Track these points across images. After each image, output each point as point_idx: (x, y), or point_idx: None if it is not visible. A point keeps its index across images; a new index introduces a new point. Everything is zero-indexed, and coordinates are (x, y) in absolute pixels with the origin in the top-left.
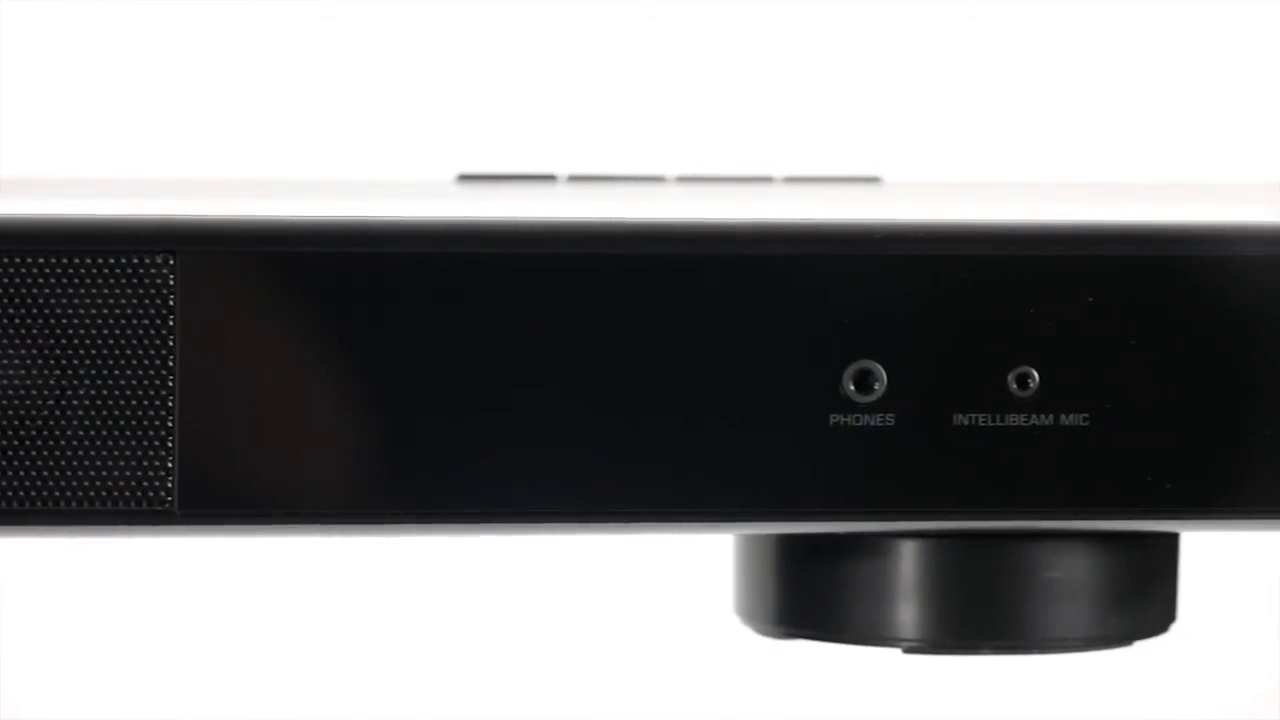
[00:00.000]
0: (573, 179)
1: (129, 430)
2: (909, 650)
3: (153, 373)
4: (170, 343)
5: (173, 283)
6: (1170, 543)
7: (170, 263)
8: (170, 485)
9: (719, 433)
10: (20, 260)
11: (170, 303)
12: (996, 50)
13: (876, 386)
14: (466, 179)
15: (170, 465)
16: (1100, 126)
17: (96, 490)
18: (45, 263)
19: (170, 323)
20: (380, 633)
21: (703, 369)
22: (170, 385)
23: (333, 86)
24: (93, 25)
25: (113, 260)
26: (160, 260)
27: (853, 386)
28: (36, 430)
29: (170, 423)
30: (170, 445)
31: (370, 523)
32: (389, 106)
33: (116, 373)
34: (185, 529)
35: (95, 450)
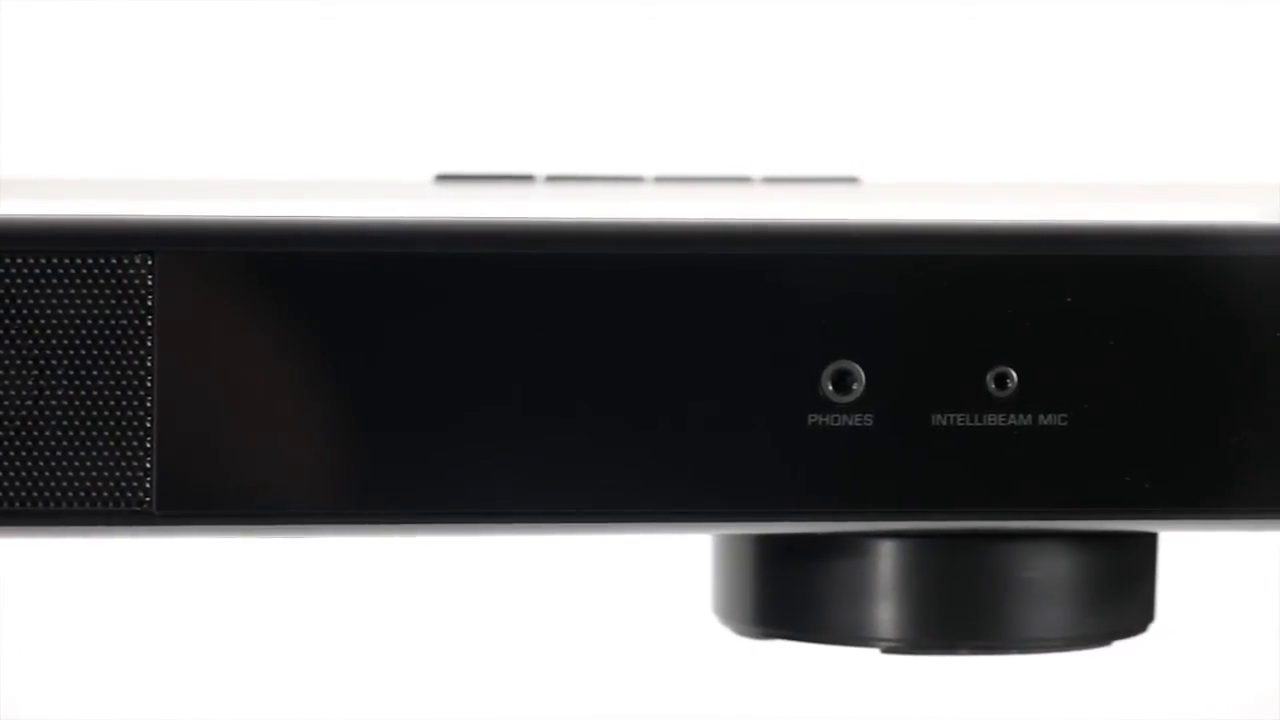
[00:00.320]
0: (551, 179)
1: (107, 430)
2: (887, 650)
3: (131, 373)
4: (148, 343)
5: (151, 283)
6: (1149, 543)
7: (148, 263)
8: (149, 485)
9: (697, 433)
10: None
11: (148, 303)
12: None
13: (855, 387)
14: (445, 179)
15: (149, 465)
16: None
17: (75, 490)
18: (23, 263)
19: (149, 323)
20: (357, 633)
21: (681, 369)
22: (148, 385)
23: (311, 87)
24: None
25: (91, 260)
26: (138, 260)
27: (831, 387)
28: (14, 430)
29: (149, 423)
30: (149, 445)
31: (348, 523)
32: (367, 107)
33: (95, 373)
34: (164, 529)
35: (73, 450)
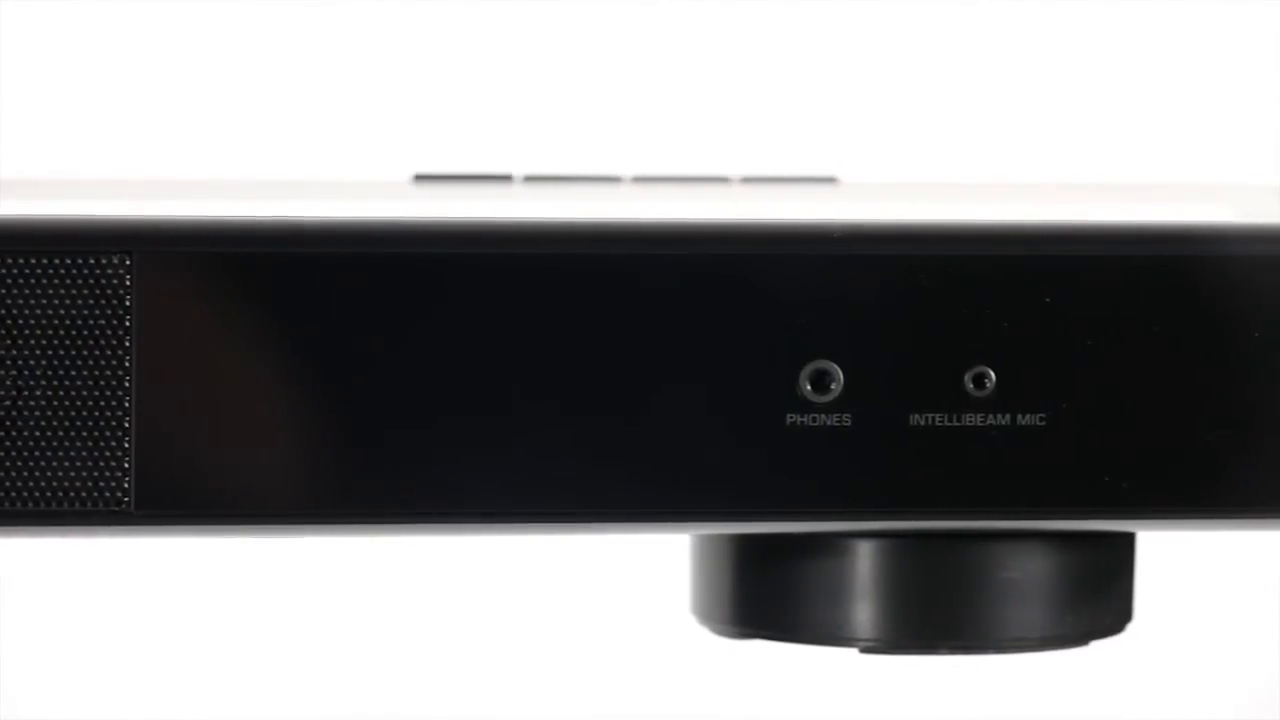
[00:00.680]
0: (529, 179)
1: (86, 430)
2: (865, 650)
3: (109, 373)
4: (127, 343)
5: (129, 283)
6: (1127, 542)
7: (126, 263)
8: (127, 485)
9: (675, 433)
10: None
11: (126, 303)
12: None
13: (833, 386)
14: (422, 179)
15: (127, 465)
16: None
17: (53, 490)
18: (0, 263)
19: (127, 323)
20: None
21: (659, 369)
22: (127, 385)
23: (289, 87)
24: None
25: (69, 260)
26: (116, 260)
27: (809, 386)
28: None
29: (127, 423)
30: (127, 445)
31: (327, 523)
32: (345, 107)
33: (73, 373)
34: (143, 529)
35: (52, 450)
